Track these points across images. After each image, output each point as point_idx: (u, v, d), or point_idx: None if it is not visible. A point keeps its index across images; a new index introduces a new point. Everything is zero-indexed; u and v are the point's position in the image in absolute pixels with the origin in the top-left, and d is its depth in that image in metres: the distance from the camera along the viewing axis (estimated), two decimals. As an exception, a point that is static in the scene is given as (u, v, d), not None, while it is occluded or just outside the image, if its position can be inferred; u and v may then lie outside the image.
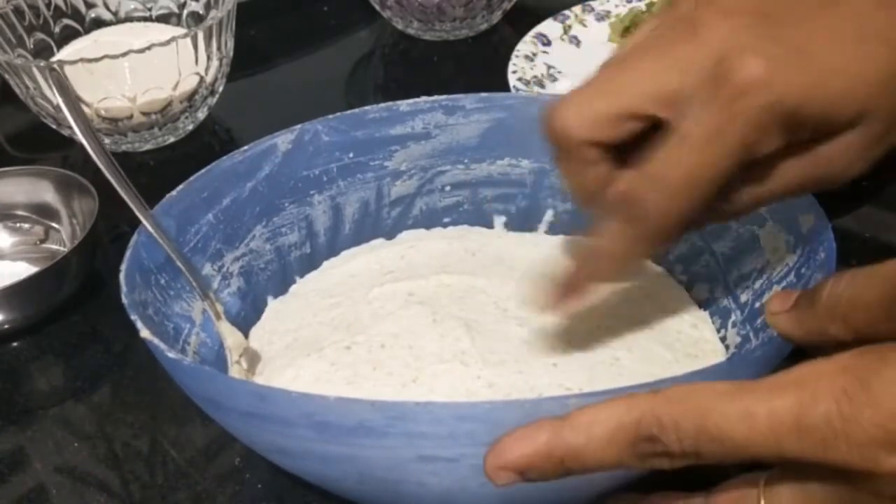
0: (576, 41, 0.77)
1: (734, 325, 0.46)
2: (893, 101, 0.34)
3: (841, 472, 0.28)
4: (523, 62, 0.72)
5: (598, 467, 0.30)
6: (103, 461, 0.48)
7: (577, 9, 0.79)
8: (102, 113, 0.67)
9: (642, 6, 0.78)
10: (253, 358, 0.47)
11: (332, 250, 0.54)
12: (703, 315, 0.48)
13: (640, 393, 0.30)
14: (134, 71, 0.65)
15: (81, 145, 0.49)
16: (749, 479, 0.33)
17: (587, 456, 0.30)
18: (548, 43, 0.76)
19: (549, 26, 0.77)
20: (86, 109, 0.66)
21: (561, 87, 0.72)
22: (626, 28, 0.77)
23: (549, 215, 0.55)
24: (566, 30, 0.77)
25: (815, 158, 0.35)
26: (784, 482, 0.31)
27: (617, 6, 0.79)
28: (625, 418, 0.29)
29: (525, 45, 0.74)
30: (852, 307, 0.31)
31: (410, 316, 0.46)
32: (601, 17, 0.79)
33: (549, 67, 0.73)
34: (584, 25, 0.78)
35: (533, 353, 0.44)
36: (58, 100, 0.52)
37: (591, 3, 0.79)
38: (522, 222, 0.55)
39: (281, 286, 0.52)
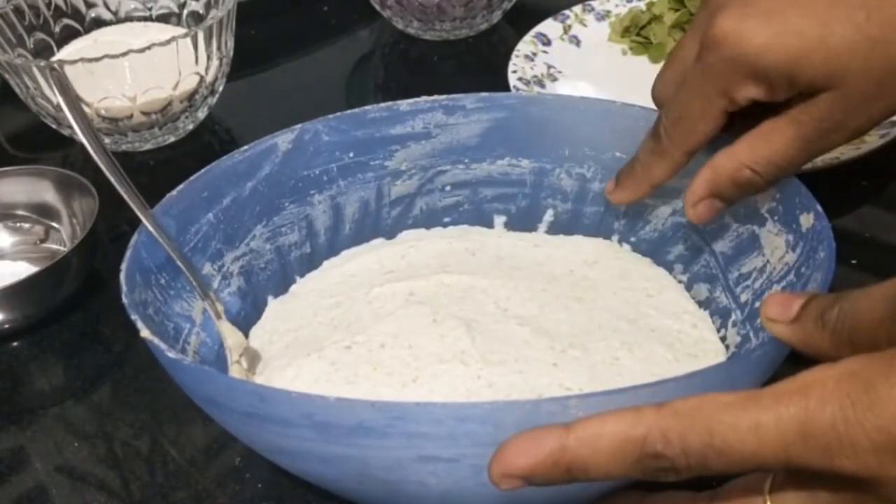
0: (576, 41, 0.77)
1: (734, 324, 0.46)
2: (865, 65, 0.37)
3: (847, 479, 0.28)
4: (523, 62, 0.72)
5: (603, 478, 0.30)
6: (103, 461, 0.48)
7: (577, 9, 0.79)
8: (102, 112, 0.67)
9: (642, 6, 0.78)
10: (253, 358, 0.47)
11: (332, 250, 0.54)
12: (703, 315, 0.48)
13: (646, 406, 0.29)
14: (134, 71, 0.65)
15: (82, 145, 0.49)
16: (753, 482, 0.33)
17: (592, 468, 0.30)
18: (548, 43, 0.76)
19: (549, 26, 0.77)
20: (86, 109, 0.66)
21: (561, 86, 0.72)
22: (626, 28, 0.77)
23: (549, 215, 0.55)
24: (566, 29, 0.77)
25: (805, 115, 0.40)
26: (790, 489, 0.31)
27: (617, 6, 0.79)
28: (630, 433, 0.29)
29: (525, 45, 0.74)
30: (857, 329, 0.31)
31: (410, 316, 0.46)
32: (601, 17, 0.79)
33: (550, 67, 0.73)
34: (585, 25, 0.78)
35: (533, 353, 0.44)
36: (58, 99, 0.52)
37: (591, 2, 0.79)
38: (522, 222, 0.55)
39: (281, 286, 0.52)
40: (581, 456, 0.30)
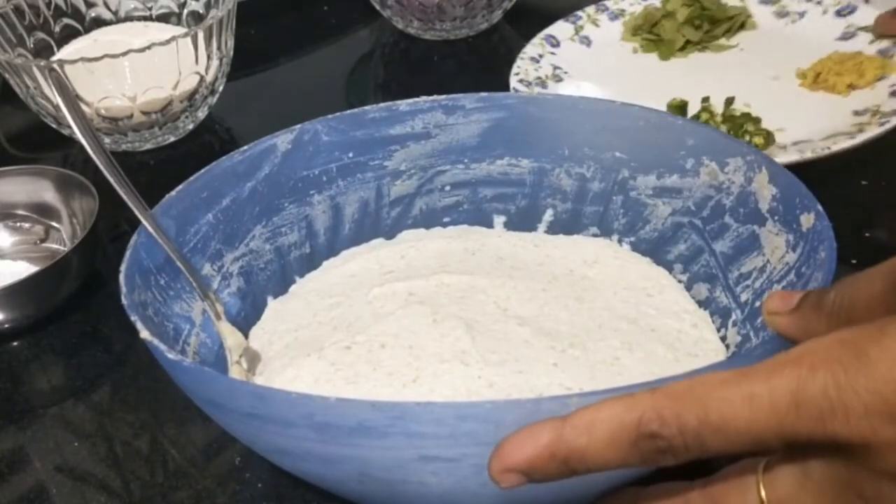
0: (586, 41, 0.76)
1: (734, 324, 0.46)
2: None
3: (840, 450, 0.28)
4: (528, 64, 0.72)
5: (601, 467, 0.30)
6: (103, 460, 0.48)
7: (590, 9, 0.78)
8: (102, 112, 0.67)
9: (657, 3, 0.77)
10: (253, 358, 0.47)
11: (332, 250, 0.54)
12: (704, 315, 0.48)
13: (640, 391, 0.30)
14: (134, 70, 0.65)
15: (82, 145, 0.49)
16: (747, 464, 0.33)
17: (590, 457, 0.30)
18: (557, 44, 0.75)
19: (559, 28, 0.76)
20: (86, 109, 0.66)
21: (564, 87, 0.71)
22: (639, 26, 0.76)
23: (548, 215, 0.55)
24: (577, 30, 0.76)
25: None
26: (783, 464, 0.31)
27: (632, 5, 0.78)
28: (625, 417, 0.29)
29: (533, 48, 0.74)
30: (854, 308, 0.31)
31: (410, 316, 0.46)
32: (615, 17, 0.78)
33: (556, 68, 0.73)
34: (597, 25, 0.77)
35: (533, 352, 0.44)
36: (57, 99, 0.52)
37: (606, 2, 0.78)
38: (522, 222, 0.55)
39: (281, 286, 0.52)
40: (578, 445, 0.30)
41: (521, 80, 0.70)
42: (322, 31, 0.88)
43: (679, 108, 0.66)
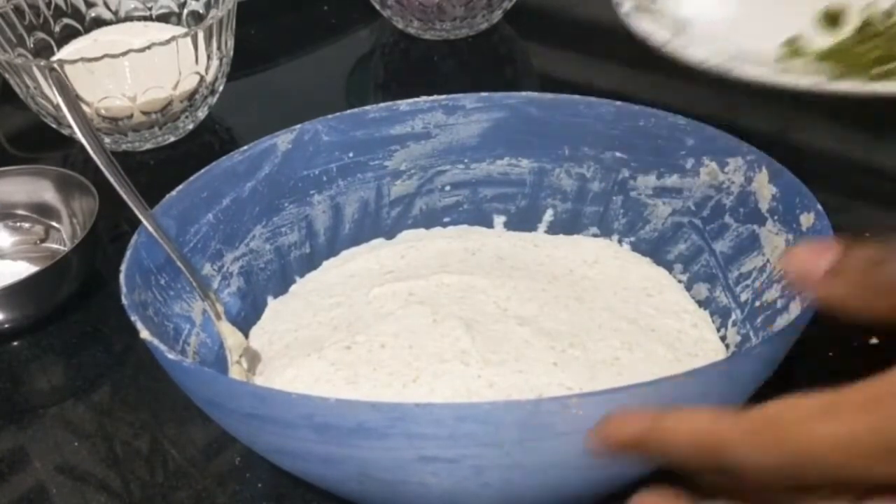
0: None
1: (734, 324, 0.46)
2: None
3: None
4: None
5: (682, 463, 0.29)
6: (103, 460, 0.48)
7: None
8: (103, 112, 0.67)
9: None
10: (253, 358, 0.47)
11: (332, 250, 0.54)
12: (704, 314, 0.48)
13: (727, 413, 0.28)
14: (134, 70, 0.65)
15: (82, 145, 0.49)
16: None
17: (673, 455, 0.29)
18: None
19: None
20: (86, 109, 0.66)
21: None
22: None
23: (548, 215, 0.55)
24: None
25: None
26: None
27: None
28: (708, 431, 0.28)
29: None
30: None
31: (410, 316, 0.46)
32: None
33: None
34: None
35: (533, 352, 0.44)
36: (58, 99, 0.52)
37: None
38: (522, 222, 0.55)
39: (281, 286, 0.52)
40: (666, 438, 0.29)
41: None
42: (322, 31, 0.88)
43: (832, 17, 0.59)
